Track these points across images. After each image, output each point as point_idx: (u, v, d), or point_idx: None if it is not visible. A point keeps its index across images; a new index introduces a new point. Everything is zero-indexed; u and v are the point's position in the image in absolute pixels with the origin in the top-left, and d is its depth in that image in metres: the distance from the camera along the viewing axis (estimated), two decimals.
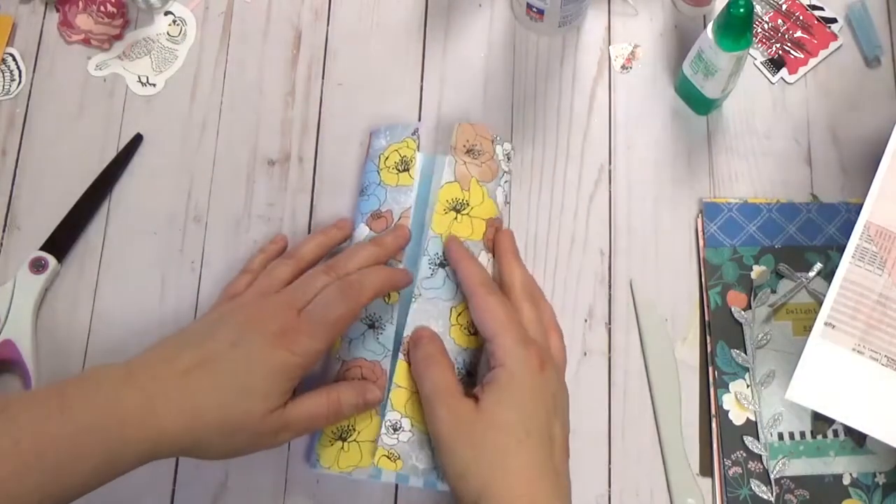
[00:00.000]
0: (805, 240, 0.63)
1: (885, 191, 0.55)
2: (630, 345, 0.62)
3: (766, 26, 0.69)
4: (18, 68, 0.68)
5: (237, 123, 0.67)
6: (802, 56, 0.68)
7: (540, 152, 0.66)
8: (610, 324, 0.63)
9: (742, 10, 0.55)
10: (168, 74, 0.68)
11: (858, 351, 0.53)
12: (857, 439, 0.59)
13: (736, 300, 0.62)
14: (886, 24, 0.69)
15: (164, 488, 0.59)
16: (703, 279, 0.63)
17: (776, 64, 0.68)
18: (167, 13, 0.70)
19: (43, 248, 0.63)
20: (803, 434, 0.60)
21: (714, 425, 0.60)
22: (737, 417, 0.60)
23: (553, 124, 0.67)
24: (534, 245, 0.64)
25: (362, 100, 0.68)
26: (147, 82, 0.68)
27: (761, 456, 0.59)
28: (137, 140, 0.66)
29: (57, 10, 0.69)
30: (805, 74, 0.68)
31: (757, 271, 0.63)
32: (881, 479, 0.59)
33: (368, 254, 0.57)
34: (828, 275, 0.61)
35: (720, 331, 0.62)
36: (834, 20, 0.69)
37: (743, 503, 0.58)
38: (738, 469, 0.59)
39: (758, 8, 0.69)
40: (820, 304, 0.54)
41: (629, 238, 0.64)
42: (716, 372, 0.61)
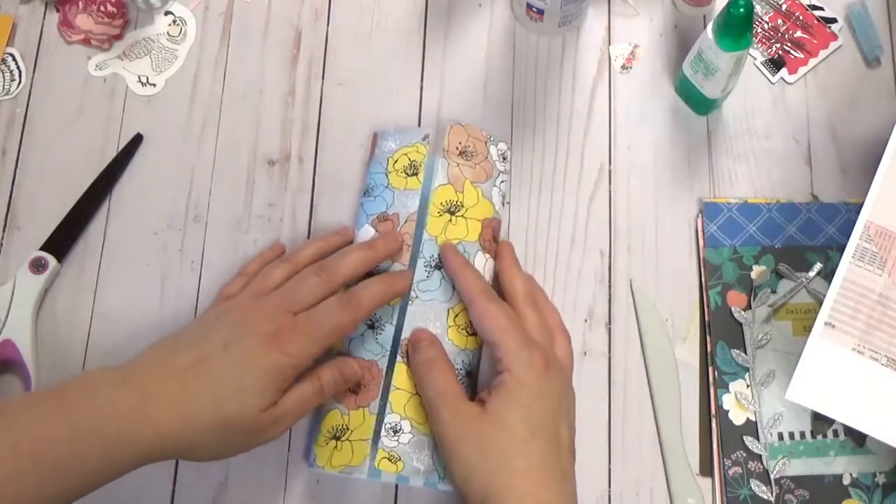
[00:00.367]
0: (805, 240, 0.63)
1: (885, 191, 0.55)
2: (630, 345, 0.62)
3: (766, 26, 0.69)
4: (18, 68, 0.68)
5: (237, 123, 0.67)
6: (802, 56, 0.68)
7: (540, 152, 0.66)
8: (610, 324, 0.63)
9: (742, 10, 0.55)
10: (168, 74, 0.68)
11: (858, 351, 0.53)
12: (857, 439, 0.59)
13: (736, 300, 0.62)
14: (886, 24, 0.69)
15: (164, 488, 0.59)
16: (703, 279, 0.63)
17: (776, 64, 0.68)
18: (167, 13, 0.70)
19: (43, 248, 0.63)
20: (803, 434, 0.60)
21: (714, 425, 0.60)
22: (737, 417, 0.60)
23: (553, 124, 0.67)
24: (534, 245, 0.64)
25: (362, 100, 0.68)
26: (147, 82, 0.68)
27: (761, 456, 0.59)
28: (137, 140, 0.66)
29: (57, 10, 0.69)
30: (805, 74, 0.68)
31: (757, 271, 0.63)
32: (881, 479, 0.59)
33: (359, 256, 0.57)
34: (828, 275, 0.61)
35: (720, 331, 0.62)
36: (834, 20, 0.69)
37: (743, 503, 0.58)
38: (738, 469, 0.59)
39: (758, 8, 0.69)
40: (820, 304, 0.54)
41: (629, 238, 0.64)
42: (716, 372, 0.61)
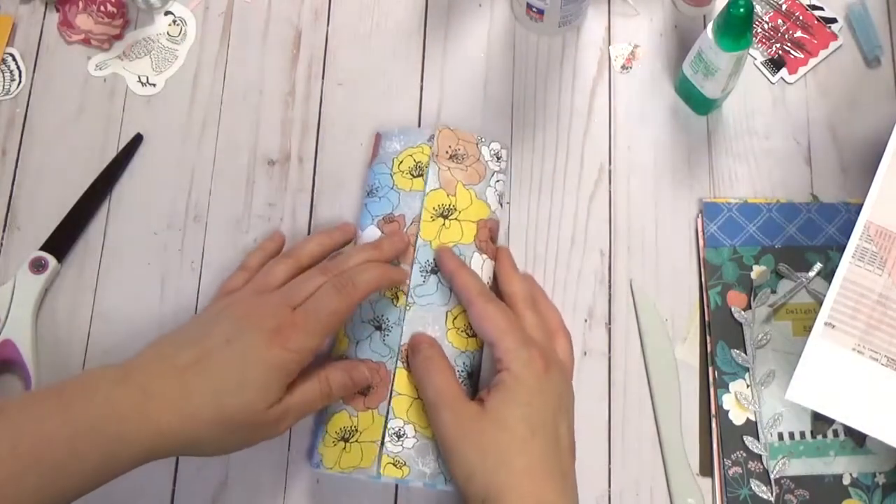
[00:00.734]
0: (805, 240, 0.63)
1: (885, 191, 0.55)
2: (630, 345, 0.62)
3: (766, 26, 0.69)
4: (18, 68, 0.68)
5: (237, 123, 0.67)
6: (802, 56, 0.68)
7: (540, 152, 0.66)
8: (610, 324, 0.63)
9: (742, 10, 0.55)
10: (168, 74, 0.68)
11: (858, 351, 0.53)
12: (857, 439, 0.59)
13: (736, 300, 0.62)
14: (886, 24, 0.69)
15: (164, 488, 0.59)
16: (703, 279, 0.63)
17: (776, 64, 0.68)
18: (167, 13, 0.70)
19: (43, 248, 0.63)
20: (803, 434, 0.60)
21: (714, 425, 0.60)
22: (737, 417, 0.60)
23: (553, 124, 0.67)
24: (534, 245, 0.64)
25: (362, 100, 0.68)
26: (147, 82, 0.68)
27: (761, 456, 0.59)
28: (137, 140, 0.66)
29: (57, 10, 0.69)
30: (805, 74, 0.68)
31: (757, 271, 0.63)
32: (881, 479, 0.59)
33: (366, 256, 0.57)
34: (828, 275, 0.61)
35: (720, 331, 0.62)
36: (834, 20, 0.69)
37: (743, 503, 0.58)
38: (738, 469, 0.59)
39: (758, 8, 0.69)
40: (820, 304, 0.54)
41: (629, 238, 0.64)
42: (716, 372, 0.61)
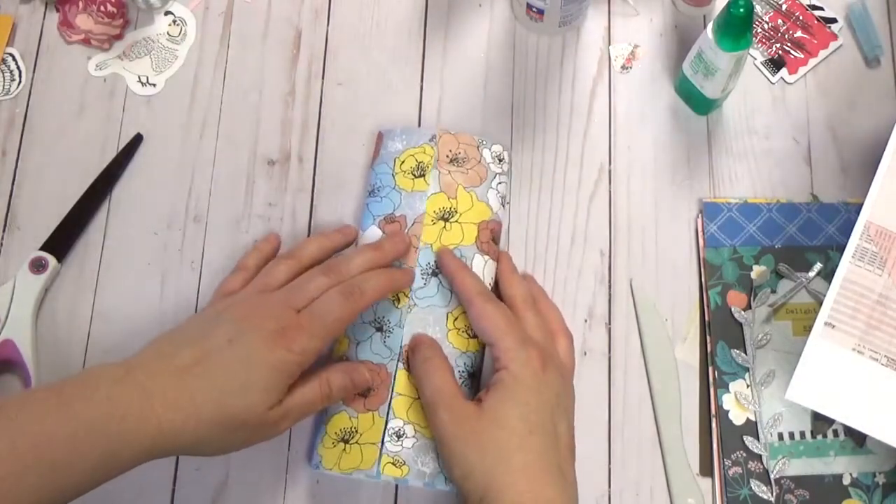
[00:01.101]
0: (805, 240, 0.63)
1: (885, 191, 0.55)
2: (630, 345, 0.62)
3: (766, 26, 0.69)
4: (18, 68, 0.68)
5: (237, 123, 0.67)
6: (802, 56, 0.68)
7: (540, 152, 0.66)
8: (610, 324, 0.63)
9: (742, 10, 0.55)
10: (168, 74, 0.68)
11: (858, 351, 0.53)
12: (857, 439, 0.59)
13: (736, 300, 0.62)
14: (886, 24, 0.69)
15: (164, 488, 0.59)
16: (703, 279, 0.63)
17: (776, 64, 0.68)
18: (167, 13, 0.70)
19: (43, 248, 0.63)
20: (803, 434, 0.60)
21: (714, 425, 0.60)
22: (737, 417, 0.60)
23: (553, 124, 0.67)
24: (534, 245, 0.64)
25: (362, 100, 0.68)
26: (147, 82, 0.68)
27: (761, 456, 0.59)
28: (137, 140, 0.66)
29: (57, 10, 0.69)
30: (805, 74, 0.68)
31: (757, 271, 0.63)
32: (881, 479, 0.59)
33: (367, 258, 0.57)
34: (828, 275, 0.61)
35: (720, 331, 0.62)
36: (834, 20, 0.69)
37: (743, 503, 0.58)
38: (738, 469, 0.59)
39: (758, 8, 0.69)
40: (820, 304, 0.54)
41: (629, 238, 0.64)
42: (716, 372, 0.61)
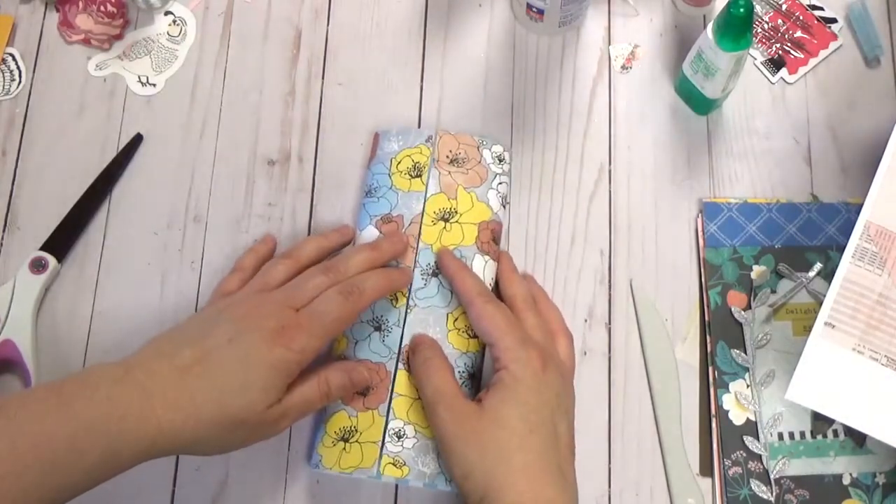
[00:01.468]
0: (805, 240, 0.63)
1: (885, 191, 0.55)
2: (630, 345, 0.62)
3: (766, 26, 0.69)
4: (18, 68, 0.68)
5: (237, 123, 0.67)
6: (802, 56, 0.68)
7: (540, 152, 0.66)
8: (610, 324, 0.63)
9: (742, 10, 0.55)
10: (168, 74, 0.68)
11: (858, 351, 0.53)
12: (857, 439, 0.59)
13: (736, 300, 0.62)
14: (886, 24, 0.69)
15: (164, 488, 0.59)
16: (703, 279, 0.63)
17: (776, 64, 0.68)
18: (167, 13, 0.70)
19: (43, 248, 0.63)
20: (803, 434, 0.60)
21: (714, 425, 0.60)
22: (737, 417, 0.60)
23: (553, 124, 0.67)
24: (534, 245, 0.64)
25: (362, 100, 0.68)
26: (147, 82, 0.68)
27: (761, 456, 0.59)
28: (137, 140, 0.66)
29: (57, 10, 0.69)
30: (805, 74, 0.68)
31: (757, 271, 0.63)
32: (881, 479, 0.59)
33: (365, 257, 0.57)
34: (828, 275, 0.61)
35: (720, 331, 0.62)
36: (834, 20, 0.69)
37: (743, 503, 0.58)
38: (738, 469, 0.59)
39: (758, 8, 0.69)
40: (820, 304, 0.54)
41: (629, 238, 0.64)
42: (716, 372, 0.61)
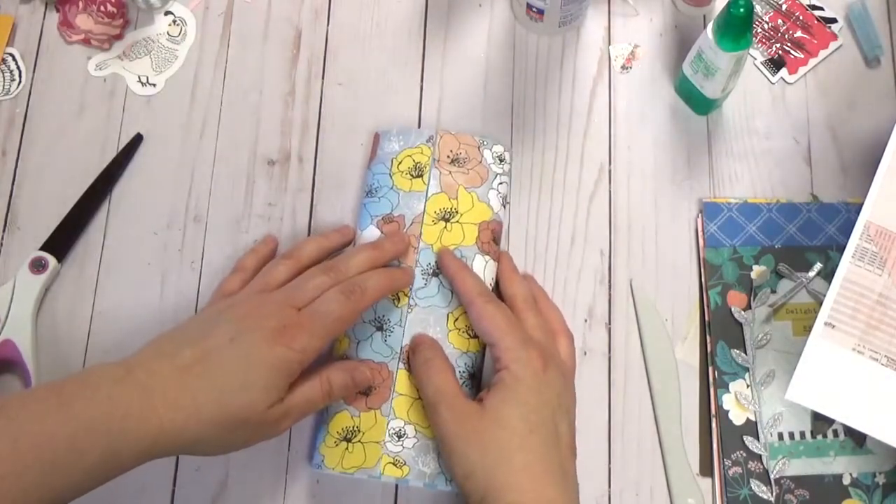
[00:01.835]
0: (805, 240, 0.63)
1: (885, 191, 0.55)
2: (630, 345, 0.62)
3: (766, 26, 0.69)
4: (18, 68, 0.68)
5: (237, 123, 0.67)
6: (802, 56, 0.68)
7: (540, 152, 0.66)
8: (610, 324, 0.63)
9: (742, 10, 0.55)
10: (168, 74, 0.68)
11: (858, 351, 0.53)
12: (857, 439, 0.59)
13: (736, 300, 0.62)
14: (886, 24, 0.69)
15: (164, 488, 0.59)
16: (703, 279, 0.63)
17: (776, 64, 0.68)
18: (167, 13, 0.70)
19: (43, 248, 0.63)
20: (803, 434, 0.60)
21: (714, 425, 0.60)
22: (737, 417, 0.60)
23: (553, 124, 0.67)
24: (534, 245, 0.64)
25: (362, 100, 0.68)
26: (147, 82, 0.68)
27: (761, 456, 0.59)
28: (137, 140, 0.66)
29: (57, 10, 0.69)
30: (805, 74, 0.68)
31: (757, 271, 0.63)
32: (881, 479, 0.59)
33: (367, 257, 0.57)
34: (828, 275, 0.61)
35: (720, 331, 0.62)
36: (834, 20, 0.69)
37: (743, 503, 0.58)
38: (738, 469, 0.59)
39: (758, 8, 0.69)
40: (820, 304, 0.54)
41: (629, 238, 0.64)
42: (716, 372, 0.61)
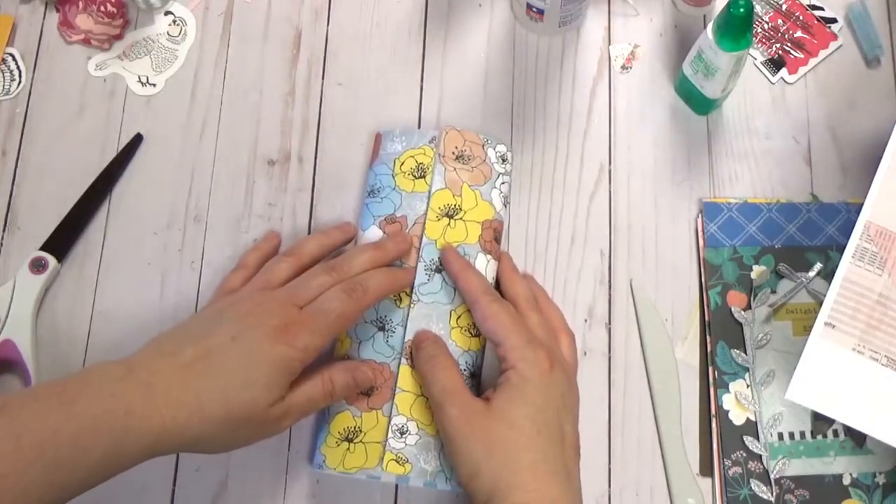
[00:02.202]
0: (805, 240, 0.63)
1: (885, 191, 0.55)
2: (630, 345, 0.62)
3: (766, 26, 0.69)
4: (18, 68, 0.68)
5: (237, 123, 0.67)
6: (802, 56, 0.68)
7: (540, 152, 0.66)
8: (610, 324, 0.63)
9: (742, 10, 0.55)
10: (168, 74, 0.68)
11: (858, 351, 0.53)
12: (857, 439, 0.59)
13: (736, 300, 0.62)
14: (886, 24, 0.69)
15: (164, 488, 0.59)
16: (703, 279, 0.63)
17: (776, 64, 0.68)
18: (167, 13, 0.70)
19: (43, 248, 0.63)
20: (803, 434, 0.60)
21: (714, 425, 0.60)
22: (737, 417, 0.60)
23: (553, 124, 0.67)
24: (534, 245, 0.64)
25: (362, 100, 0.68)
26: (147, 82, 0.68)
27: (761, 456, 0.59)
28: (137, 140, 0.66)
29: (57, 10, 0.69)
30: (805, 74, 0.68)
31: (757, 271, 0.63)
32: (881, 479, 0.59)
33: (369, 257, 0.57)
34: (828, 275, 0.61)
35: (720, 331, 0.62)
36: (834, 20, 0.69)
37: (743, 503, 0.58)
38: (738, 469, 0.59)
39: (758, 8, 0.69)
40: (820, 304, 0.54)
41: (629, 238, 0.64)
42: (716, 372, 0.61)
